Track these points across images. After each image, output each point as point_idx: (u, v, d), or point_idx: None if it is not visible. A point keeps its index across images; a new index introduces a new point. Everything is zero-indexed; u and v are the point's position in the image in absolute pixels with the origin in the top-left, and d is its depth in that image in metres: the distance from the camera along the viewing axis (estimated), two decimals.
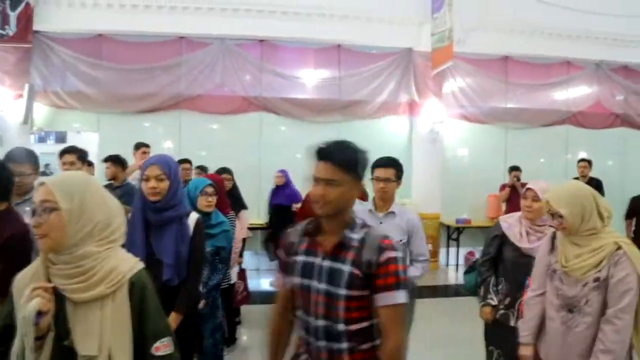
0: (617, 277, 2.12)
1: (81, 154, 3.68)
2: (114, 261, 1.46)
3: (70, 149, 3.67)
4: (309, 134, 8.13)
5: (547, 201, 2.28)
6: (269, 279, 6.85)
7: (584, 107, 9.14)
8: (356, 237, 1.66)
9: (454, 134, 8.64)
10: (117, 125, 7.72)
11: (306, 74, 8.24)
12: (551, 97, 9.10)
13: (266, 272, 7.32)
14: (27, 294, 1.33)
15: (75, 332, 1.39)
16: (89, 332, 1.39)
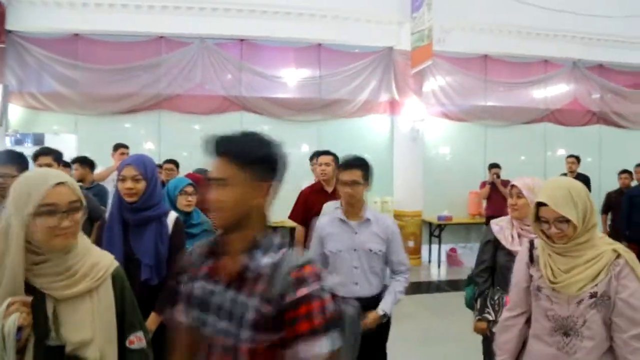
0: (626, 293, 1.75)
1: (57, 156, 3.62)
2: (94, 257, 1.51)
3: (45, 151, 3.62)
4: (290, 133, 8.12)
5: (539, 204, 1.86)
6: None
7: (561, 105, 9.31)
8: (267, 262, 1.24)
9: (434, 132, 8.71)
10: (95, 126, 7.60)
11: (286, 73, 8.21)
12: (530, 95, 9.24)
13: None
14: (2, 310, 1.30)
15: (65, 325, 1.40)
16: (80, 320, 1.42)
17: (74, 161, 4.93)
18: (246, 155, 1.27)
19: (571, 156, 7.56)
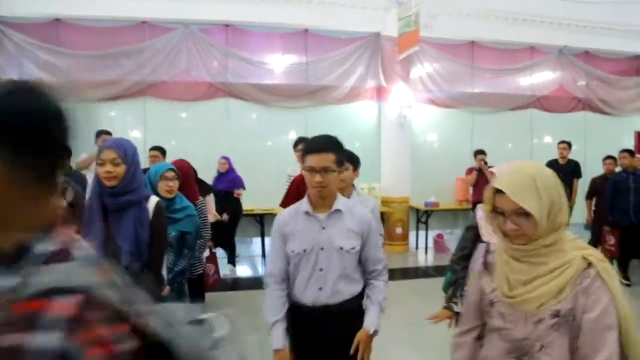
0: (595, 313, 1.38)
1: None
2: None
3: None
4: (277, 120, 8.10)
5: (496, 191, 1.45)
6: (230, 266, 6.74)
7: (547, 92, 9.35)
8: (5, 285, 0.70)
9: (421, 118, 8.71)
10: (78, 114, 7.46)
11: (273, 59, 8.12)
12: (516, 82, 9.25)
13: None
14: None
15: None
16: None
17: None
18: None
19: (563, 142, 7.55)
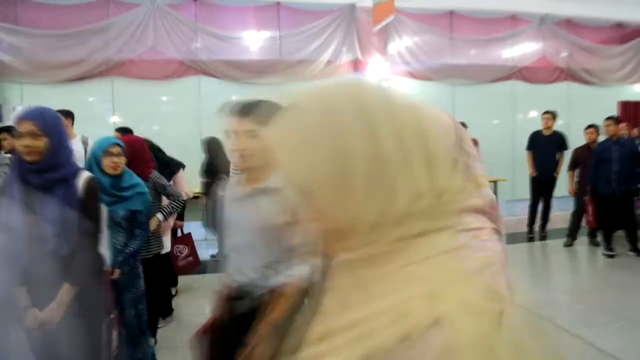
0: None
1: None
2: None
3: None
4: (251, 97, 7.81)
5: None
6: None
7: (529, 62, 9.14)
8: None
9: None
10: (43, 96, 7.11)
11: (244, 34, 7.81)
12: (497, 53, 9.03)
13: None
14: None
15: None
16: None
17: (2, 130, 4.52)
18: None
19: (547, 112, 7.25)
